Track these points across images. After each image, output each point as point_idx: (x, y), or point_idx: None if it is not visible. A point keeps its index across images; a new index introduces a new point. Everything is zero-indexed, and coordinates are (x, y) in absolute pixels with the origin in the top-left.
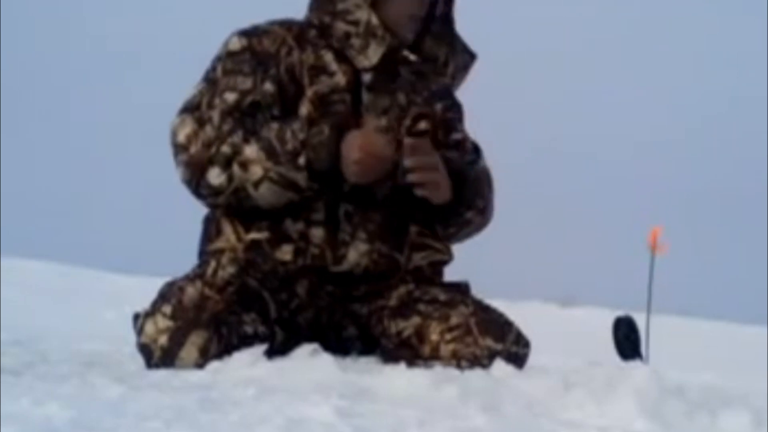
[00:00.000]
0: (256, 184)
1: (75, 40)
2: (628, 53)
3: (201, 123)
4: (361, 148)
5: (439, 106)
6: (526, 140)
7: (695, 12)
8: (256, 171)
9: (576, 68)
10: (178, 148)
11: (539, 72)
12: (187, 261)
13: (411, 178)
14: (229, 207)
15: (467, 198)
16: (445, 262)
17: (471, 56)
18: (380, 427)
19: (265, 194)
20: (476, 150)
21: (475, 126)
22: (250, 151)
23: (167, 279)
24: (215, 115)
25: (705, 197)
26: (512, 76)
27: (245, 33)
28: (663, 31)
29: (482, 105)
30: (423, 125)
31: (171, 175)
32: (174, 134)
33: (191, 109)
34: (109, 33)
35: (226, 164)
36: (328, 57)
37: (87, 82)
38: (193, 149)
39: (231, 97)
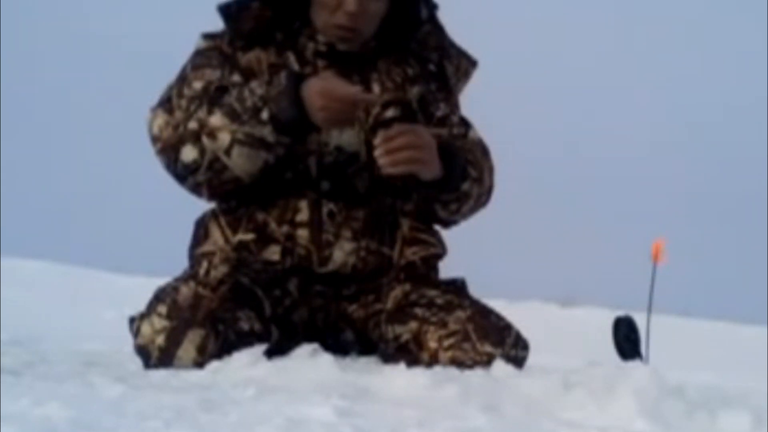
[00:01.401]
0: (228, 151)
1: (75, 40)
2: (631, 55)
3: (171, 111)
4: (321, 93)
5: (415, 90)
6: (526, 140)
7: (696, 13)
8: (224, 137)
9: (578, 69)
10: (153, 140)
11: (541, 73)
12: (187, 262)
13: (387, 170)
14: (210, 185)
15: (458, 169)
16: (438, 257)
17: (471, 62)
18: (380, 427)
19: (239, 160)
20: (465, 123)
21: (475, 126)
22: (215, 119)
23: (167, 279)
24: (183, 102)
25: (705, 197)
26: (514, 76)
27: (211, 35)
28: (663, 33)
29: (483, 105)
30: (391, 112)
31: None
32: (149, 129)
33: (162, 102)
34: (109, 33)
35: (196, 139)
36: (291, 59)
37: (87, 83)
38: (164, 135)
39: (198, 84)
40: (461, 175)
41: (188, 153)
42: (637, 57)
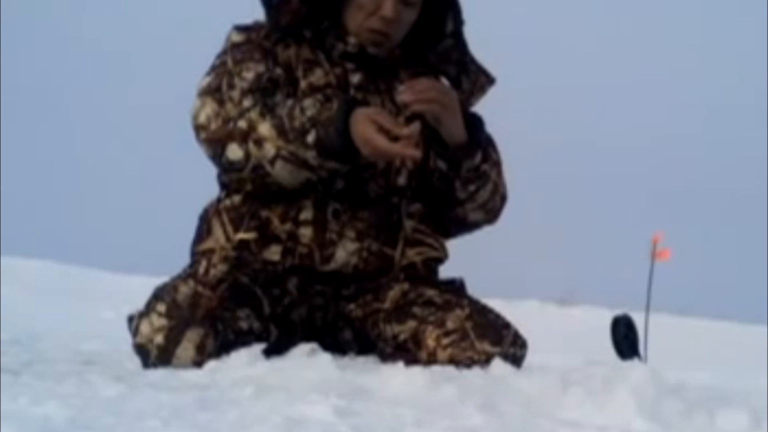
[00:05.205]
0: (271, 162)
1: (74, 41)
2: (631, 52)
3: (221, 102)
4: (364, 143)
5: None
6: (525, 139)
7: (697, 12)
8: (269, 148)
9: (577, 66)
10: (199, 129)
11: (539, 70)
12: (187, 261)
13: (403, 97)
14: (254, 184)
15: (482, 138)
16: (439, 260)
17: (489, 79)
18: (378, 427)
19: (282, 172)
20: (480, 121)
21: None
22: (264, 128)
23: (166, 279)
24: (236, 94)
25: (705, 197)
26: (512, 74)
27: (245, 27)
28: (664, 31)
29: (481, 104)
30: (417, 125)
31: (170, 175)
32: (195, 116)
33: (211, 91)
34: (107, 34)
35: (243, 140)
36: (321, 57)
37: (87, 83)
38: (213, 126)
39: (249, 75)
40: (483, 152)
41: (234, 151)
42: (636, 54)
